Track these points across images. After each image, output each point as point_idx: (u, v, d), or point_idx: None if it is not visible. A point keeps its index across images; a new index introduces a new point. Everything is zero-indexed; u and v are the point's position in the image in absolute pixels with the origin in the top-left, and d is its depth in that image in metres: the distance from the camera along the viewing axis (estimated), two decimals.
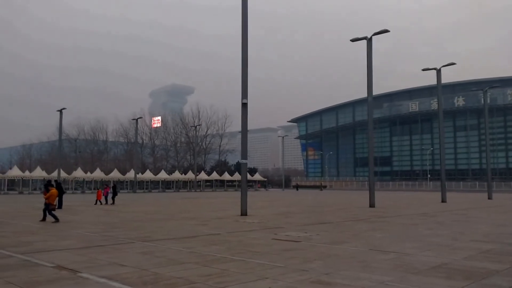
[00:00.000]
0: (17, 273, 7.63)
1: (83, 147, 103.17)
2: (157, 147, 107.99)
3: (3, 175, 65.97)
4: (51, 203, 17.39)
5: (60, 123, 59.06)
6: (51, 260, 8.76)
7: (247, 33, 22.06)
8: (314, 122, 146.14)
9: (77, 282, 6.97)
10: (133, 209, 27.28)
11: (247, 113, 21.78)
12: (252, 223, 17.21)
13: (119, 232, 14.07)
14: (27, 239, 12.31)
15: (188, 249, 10.45)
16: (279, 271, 7.83)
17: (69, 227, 15.70)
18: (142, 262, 8.70)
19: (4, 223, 16.80)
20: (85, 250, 10.32)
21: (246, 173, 22.31)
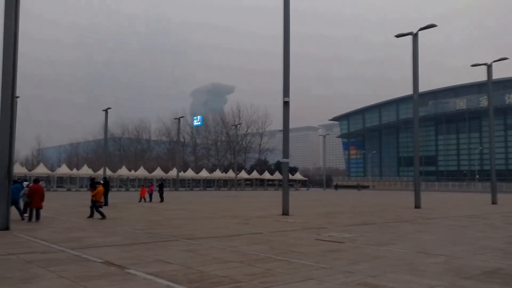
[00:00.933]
0: (69, 267, 7.87)
1: (127, 145, 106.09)
2: (198, 146, 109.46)
3: (52, 173, 68.84)
4: (98, 200, 17.92)
5: (105, 123, 60.94)
6: (100, 256, 9.00)
7: (289, 31, 21.90)
8: (356, 121, 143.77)
9: (125, 278, 7.10)
10: (176, 206, 27.74)
11: (288, 111, 21.64)
12: (294, 223, 17.08)
13: (163, 230, 14.31)
14: (76, 235, 12.73)
15: (231, 248, 10.47)
16: (325, 272, 7.69)
17: (115, 224, 16.13)
18: (187, 260, 8.78)
19: (55, 219, 17.47)
20: (131, 247, 10.54)
21: (287, 172, 22.18)
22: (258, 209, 25.98)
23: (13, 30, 13.92)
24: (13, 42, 13.92)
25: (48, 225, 15.09)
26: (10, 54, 13.85)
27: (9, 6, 13.90)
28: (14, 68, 13.97)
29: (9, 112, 13.77)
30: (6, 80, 13.79)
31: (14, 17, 13.97)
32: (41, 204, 16.29)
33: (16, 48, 14.11)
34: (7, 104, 13.74)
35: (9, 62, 13.83)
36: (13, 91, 13.95)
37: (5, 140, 13.71)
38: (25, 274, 7.29)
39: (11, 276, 7.07)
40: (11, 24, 13.89)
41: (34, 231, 13.41)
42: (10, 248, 9.96)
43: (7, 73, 13.80)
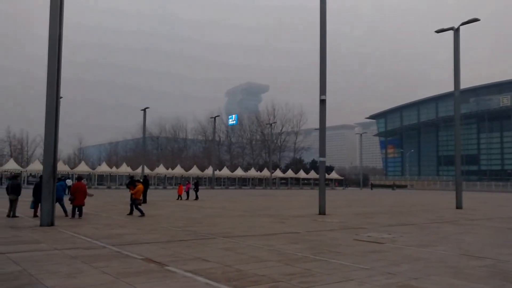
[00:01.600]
0: (110, 263, 8.07)
1: (165, 144, 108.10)
2: (233, 144, 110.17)
3: (93, 171, 70.96)
4: (137, 198, 18.30)
5: (143, 122, 62.29)
6: (140, 253, 9.17)
7: (325, 29, 21.65)
8: (394, 119, 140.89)
9: (165, 275, 7.21)
10: (212, 205, 27.99)
11: (325, 109, 21.41)
12: (331, 223, 16.88)
13: (201, 227, 14.46)
14: (117, 231, 13.05)
15: (268, 246, 10.45)
16: (365, 273, 7.54)
17: (154, 221, 16.43)
18: (225, 258, 8.83)
19: (96, 216, 17.96)
20: (170, 244, 10.70)
21: (324, 171, 21.96)
22: (294, 208, 25.86)
23: (57, 34, 14.40)
24: (57, 45, 14.40)
25: (90, 222, 15.54)
26: (54, 57, 14.35)
27: (53, 11, 14.39)
28: (58, 71, 14.46)
29: (54, 113, 14.27)
30: (51, 82, 14.29)
31: (58, 21, 14.45)
32: (83, 201, 16.79)
33: (60, 51, 14.59)
34: (52, 106, 14.24)
35: (53, 65, 14.33)
36: (57, 93, 14.44)
37: (50, 140, 14.23)
38: (70, 269, 7.52)
39: (58, 271, 7.31)
40: (55, 27, 14.37)
41: (77, 227, 13.83)
42: (55, 244, 10.32)
43: (52, 76, 14.30)
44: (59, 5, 14.48)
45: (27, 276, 6.89)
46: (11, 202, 16.77)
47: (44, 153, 14.99)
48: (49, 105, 14.24)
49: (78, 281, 6.67)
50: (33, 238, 11.37)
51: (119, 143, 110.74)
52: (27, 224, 14.54)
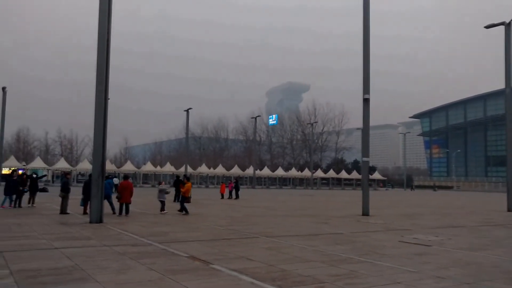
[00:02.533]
0: (157, 260, 8.25)
1: (207, 144, 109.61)
2: (274, 144, 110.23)
3: (138, 170, 72.98)
4: (186, 196, 18.65)
5: (187, 122, 63.41)
6: (185, 250, 9.33)
7: (368, 28, 21.26)
8: (439, 118, 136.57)
9: (211, 273, 7.29)
10: (254, 204, 28.11)
11: (369, 109, 21.02)
12: (376, 224, 16.56)
13: (243, 227, 14.55)
14: (162, 229, 13.34)
15: (312, 247, 10.37)
16: (413, 276, 7.34)
17: (197, 219, 16.68)
18: (269, 257, 8.83)
19: (142, 214, 18.44)
20: (214, 243, 10.82)
21: (367, 172, 21.56)
22: (336, 209, 25.56)
23: (105, 39, 14.89)
24: (105, 51, 14.89)
25: (137, 219, 15.97)
26: (103, 62, 14.84)
27: (102, 19, 14.88)
28: (107, 75, 14.94)
29: (102, 114, 14.76)
30: (100, 87, 14.79)
31: (106, 28, 14.94)
32: (130, 199, 17.27)
33: (108, 56, 15.07)
34: (101, 108, 14.74)
35: (102, 70, 14.82)
36: (105, 96, 14.93)
37: (99, 141, 14.74)
38: (119, 265, 7.75)
39: (108, 267, 7.56)
40: (104, 34, 14.87)
41: (124, 224, 14.25)
42: (104, 240, 10.67)
43: (101, 80, 14.80)
44: (107, 13, 14.95)
45: (80, 271, 7.15)
46: (62, 200, 17.51)
47: (93, 152, 15.56)
48: (98, 106, 14.75)
49: (127, 277, 6.86)
50: (84, 234, 11.81)
51: (163, 143, 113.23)
52: (78, 221, 15.12)
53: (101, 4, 14.93)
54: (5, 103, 51.49)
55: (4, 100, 51.47)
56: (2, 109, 51.50)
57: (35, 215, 16.53)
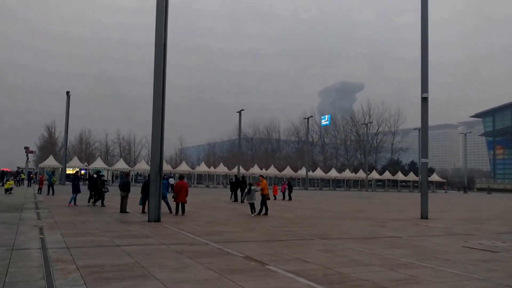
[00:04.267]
0: (214, 260, 8.34)
1: (258, 145, 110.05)
2: (327, 145, 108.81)
3: (193, 170, 74.57)
4: (266, 194, 18.73)
5: (239, 124, 64.16)
6: (241, 251, 9.38)
7: (427, 26, 20.48)
8: (504, 117, 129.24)
9: (267, 274, 7.28)
10: (307, 205, 27.87)
11: (427, 108, 20.22)
12: (435, 228, 15.89)
13: (297, 228, 14.44)
14: (217, 229, 13.51)
15: (369, 250, 10.11)
16: (479, 284, 6.95)
17: (252, 220, 16.74)
18: (325, 260, 8.69)
19: (198, 213, 18.77)
20: (269, 244, 10.81)
21: (426, 173, 20.76)
22: (393, 212, 24.82)
23: (162, 41, 15.32)
24: (162, 52, 15.32)
25: (192, 219, 16.28)
26: (160, 63, 15.27)
27: (159, 20, 15.33)
28: (164, 76, 15.37)
29: (160, 116, 15.19)
30: (157, 87, 15.23)
31: (163, 29, 15.37)
32: (186, 199, 17.64)
33: (165, 57, 15.49)
34: (158, 109, 15.18)
35: (159, 71, 15.26)
36: (163, 98, 15.35)
37: (157, 142, 15.20)
38: (177, 263, 7.92)
39: (166, 265, 7.74)
40: (161, 35, 15.30)
41: (181, 223, 14.57)
42: (162, 239, 10.95)
43: (158, 82, 15.24)
44: (164, 14, 15.38)
45: (140, 268, 7.37)
46: (122, 199, 18.19)
47: (151, 153, 16.05)
48: (156, 108, 15.19)
49: (185, 276, 6.99)
50: (143, 232, 12.19)
51: (216, 144, 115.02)
52: (137, 219, 15.63)
53: (158, 3, 15.38)
54: (69, 107, 54.45)
55: (68, 104, 54.44)
56: (66, 112, 54.47)
57: (97, 213, 17.28)
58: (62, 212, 17.48)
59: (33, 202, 22.19)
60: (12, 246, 9.10)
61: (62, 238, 10.38)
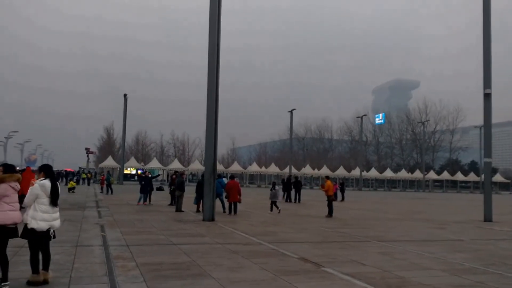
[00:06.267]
0: (268, 260, 8.32)
1: (310, 145, 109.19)
2: (381, 144, 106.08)
3: (245, 170, 75.24)
4: (331, 195, 18.63)
5: (290, 123, 63.98)
6: (295, 252, 9.29)
7: (489, 18, 19.42)
8: None
9: (322, 276, 7.15)
10: (361, 206, 27.30)
11: (491, 104, 19.16)
12: (501, 231, 15.04)
13: (352, 230, 14.14)
14: (271, 229, 13.49)
15: (429, 254, 9.70)
16: None
17: (305, 221, 16.62)
18: (382, 263, 8.43)
19: (251, 213, 18.87)
20: (323, 245, 10.66)
21: (490, 173, 19.71)
22: (453, 213, 23.76)
23: (215, 42, 15.54)
24: (215, 53, 15.54)
25: (246, 219, 16.37)
26: (213, 64, 15.51)
27: (212, 22, 15.56)
28: (217, 78, 15.58)
29: (213, 117, 15.42)
30: (211, 89, 15.46)
31: (216, 31, 15.58)
32: (238, 198, 17.80)
33: (218, 58, 15.69)
34: (212, 110, 15.41)
35: (213, 72, 15.49)
36: (216, 99, 15.56)
37: (211, 143, 15.43)
38: (232, 263, 7.97)
39: (222, 264, 7.81)
40: (214, 37, 15.53)
41: (234, 223, 14.69)
42: (217, 238, 11.08)
43: (211, 83, 15.47)
44: (217, 17, 15.59)
45: (197, 267, 7.48)
46: (177, 198, 18.62)
47: (205, 153, 16.32)
48: (209, 109, 15.43)
49: (240, 275, 7.01)
50: (198, 231, 12.40)
51: (267, 144, 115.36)
52: (191, 218, 15.94)
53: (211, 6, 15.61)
54: (126, 109, 56.57)
55: (125, 106, 56.56)
56: (124, 114, 56.63)
57: (154, 212, 17.79)
58: (121, 210, 18.16)
59: (94, 201, 23.22)
60: (76, 243, 9.54)
61: (122, 236, 10.76)
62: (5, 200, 5.79)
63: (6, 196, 5.82)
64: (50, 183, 6.09)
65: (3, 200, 5.78)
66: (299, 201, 27.40)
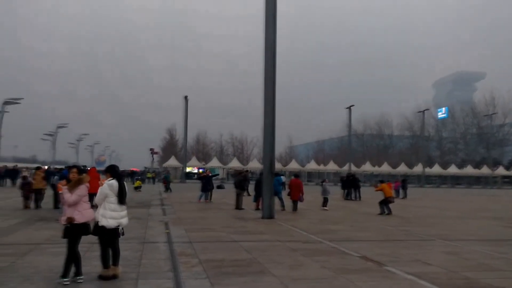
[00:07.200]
0: (329, 259, 8.28)
1: (369, 141, 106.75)
2: (444, 139, 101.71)
3: (303, 168, 74.98)
4: (389, 196, 18.29)
5: (349, 120, 62.97)
6: (356, 250, 9.17)
7: None
8: None
9: (385, 275, 7.02)
10: (424, 204, 26.39)
11: None
12: None
13: (415, 228, 13.73)
14: (330, 227, 13.38)
15: (499, 254, 9.22)
16: None
17: (366, 219, 16.30)
18: (448, 262, 8.13)
19: (310, 211, 18.75)
20: (385, 243, 10.44)
21: None
22: None
23: (272, 39, 15.63)
24: (272, 50, 15.63)
25: (305, 217, 16.35)
26: (270, 62, 15.60)
27: (268, 18, 15.68)
28: (274, 76, 15.66)
29: (271, 117, 15.52)
30: (268, 87, 15.57)
31: (273, 28, 15.67)
32: (299, 197, 17.84)
33: (275, 56, 15.77)
34: (269, 109, 15.53)
35: (269, 70, 15.59)
36: (273, 97, 15.66)
37: (269, 141, 15.55)
38: (292, 261, 8.01)
39: (282, 262, 7.88)
40: (270, 33, 15.63)
41: (294, 221, 14.71)
42: (277, 236, 11.17)
43: (269, 81, 15.58)
44: (273, 13, 15.67)
45: (257, 264, 7.60)
46: (237, 196, 18.94)
47: (263, 152, 16.49)
48: (267, 107, 15.55)
49: (300, 273, 7.04)
50: (257, 229, 12.56)
51: (325, 141, 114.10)
52: (251, 216, 16.15)
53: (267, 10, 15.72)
54: (187, 110, 58.23)
55: (186, 107, 58.24)
56: (185, 115, 58.33)
57: (215, 210, 18.20)
58: (184, 208, 18.76)
59: (158, 199, 24.12)
60: (143, 239, 9.99)
61: (185, 233, 11.12)
62: (83, 200, 6.24)
63: (84, 195, 6.27)
64: (117, 183, 6.44)
65: (82, 200, 6.22)
66: (359, 199, 26.92)
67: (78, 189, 6.19)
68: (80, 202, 6.18)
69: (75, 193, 6.15)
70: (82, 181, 6.28)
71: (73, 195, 6.12)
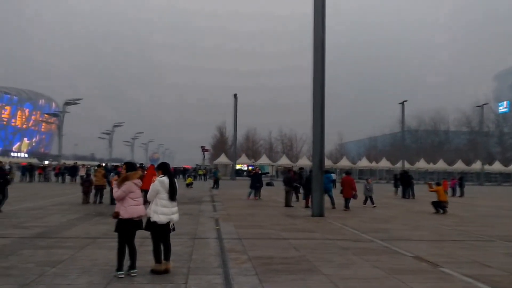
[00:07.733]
0: (380, 258, 8.07)
1: (424, 138, 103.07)
2: (505, 135, 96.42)
3: (354, 165, 73.61)
4: (443, 200, 17.74)
5: (402, 115, 61.09)
6: (409, 250, 8.88)
7: None
8: None
9: (440, 277, 6.75)
10: (483, 203, 25.18)
11: None
12: None
13: (474, 227, 13.11)
14: (382, 226, 13.03)
15: None
16: None
17: (420, 217, 15.76)
18: (510, 265, 7.69)
19: (361, 209, 18.35)
20: (440, 243, 10.04)
21: None
22: None
23: (320, 38, 15.44)
24: (321, 48, 15.45)
25: (356, 215, 16.03)
26: (319, 60, 15.44)
27: (317, 16, 15.49)
28: (323, 74, 15.46)
29: (320, 113, 15.34)
30: (316, 85, 15.41)
31: (321, 26, 15.48)
32: (351, 194, 17.57)
33: (324, 54, 15.57)
34: (318, 108, 15.36)
35: (318, 68, 15.41)
36: (322, 95, 15.46)
37: (318, 138, 15.40)
38: (343, 259, 7.88)
39: (332, 260, 7.77)
40: (319, 32, 15.46)
41: (344, 219, 14.46)
42: (327, 234, 11.03)
43: (317, 79, 15.41)
44: (322, 15, 15.48)
45: (306, 262, 7.54)
46: (286, 193, 18.90)
47: (312, 149, 16.33)
48: (316, 104, 15.39)
49: (351, 272, 6.91)
50: (307, 227, 12.46)
51: (377, 138, 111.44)
52: (301, 213, 16.05)
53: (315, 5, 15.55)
54: (236, 108, 58.81)
55: (236, 106, 58.82)
56: (235, 113, 58.94)
57: (264, 207, 18.25)
58: (233, 205, 18.95)
59: (209, 196, 24.53)
60: (194, 235, 10.19)
61: (235, 230, 11.23)
62: (130, 196, 6.38)
63: (131, 192, 6.41)
64: (168, 179, 6.57)
65: (129, 196, 6.38)
66: (413, 197, 26.06)
67: (124, 185, 6.36)
68: (127, 198, 6.32)
69: (120, 189, 6.34)
70: (128, 178, 6.44)
71: (118, 191, 6.32)
